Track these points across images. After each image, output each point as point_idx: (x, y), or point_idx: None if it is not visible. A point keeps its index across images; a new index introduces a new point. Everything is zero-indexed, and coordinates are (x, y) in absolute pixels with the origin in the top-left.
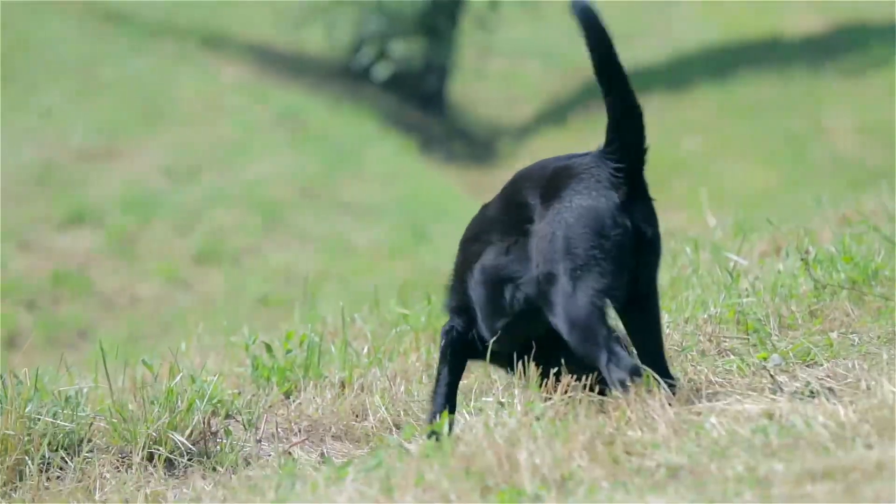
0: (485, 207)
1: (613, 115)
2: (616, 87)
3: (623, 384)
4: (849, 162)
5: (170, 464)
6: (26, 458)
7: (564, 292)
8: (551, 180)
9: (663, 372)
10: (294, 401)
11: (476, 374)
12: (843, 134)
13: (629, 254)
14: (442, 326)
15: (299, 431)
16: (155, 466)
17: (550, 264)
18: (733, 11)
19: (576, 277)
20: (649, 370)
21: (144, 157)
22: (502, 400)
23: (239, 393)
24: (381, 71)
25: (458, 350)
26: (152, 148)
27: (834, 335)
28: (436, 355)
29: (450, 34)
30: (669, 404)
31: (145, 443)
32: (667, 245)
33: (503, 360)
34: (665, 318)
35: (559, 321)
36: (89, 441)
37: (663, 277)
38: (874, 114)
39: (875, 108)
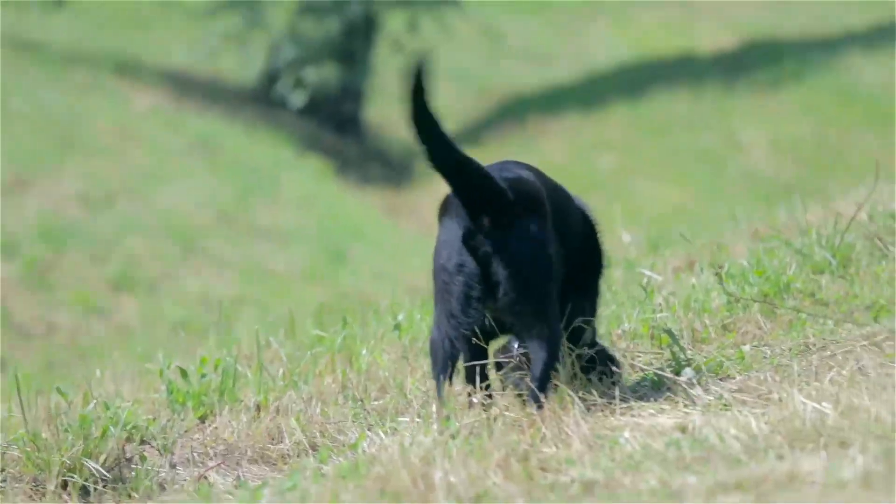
0: None
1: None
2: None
3: None
4: (762, 177)
5: (84, 491)
6: None
7: None
8: None
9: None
10: (210, 425)
11: (391, 393)
12: (757, 149)
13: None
14: None
15: (215, 455)
16: (69, 494)
17: None
18: (645, 30)
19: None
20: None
21: (59, 187)
22: (418, 419)
23: (154, 418)
24: (297, 98)
25: None
26: (66, 177)
27: (746, 348)
28: None
29: (365, 58)
30: (584, 420)
31: (59, 471)
32: None
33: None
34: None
35: None
36: (2, 470)
37: None
38: (787, 129)
39: (787, 123)
